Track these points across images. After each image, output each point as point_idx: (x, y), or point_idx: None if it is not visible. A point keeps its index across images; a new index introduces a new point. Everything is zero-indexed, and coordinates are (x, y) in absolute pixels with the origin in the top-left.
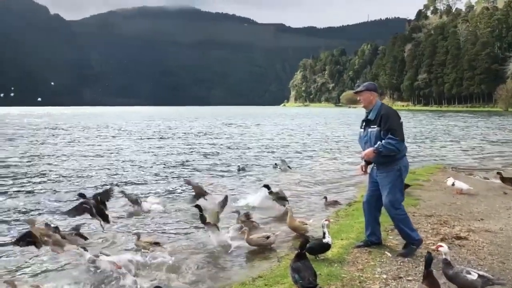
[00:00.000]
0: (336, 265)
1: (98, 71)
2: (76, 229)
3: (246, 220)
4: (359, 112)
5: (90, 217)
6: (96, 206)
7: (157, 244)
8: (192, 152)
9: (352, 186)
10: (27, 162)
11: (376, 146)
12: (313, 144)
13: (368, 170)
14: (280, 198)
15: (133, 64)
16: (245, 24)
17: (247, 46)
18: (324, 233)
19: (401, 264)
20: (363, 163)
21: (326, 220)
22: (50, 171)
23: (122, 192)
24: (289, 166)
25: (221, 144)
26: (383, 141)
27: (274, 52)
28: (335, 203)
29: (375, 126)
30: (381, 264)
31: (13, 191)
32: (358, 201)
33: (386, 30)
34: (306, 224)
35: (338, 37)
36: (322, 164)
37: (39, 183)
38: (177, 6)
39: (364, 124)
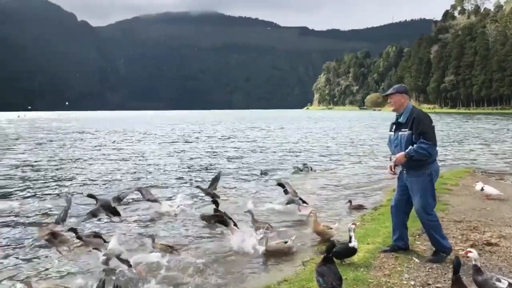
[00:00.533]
0: (362, 269)
1: (123, 76)
2: (96, 231)
3: (261, 223)
4: (384, 115)
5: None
6: (106, 204)
7: (172, 247)
8: (215, 155)
9: (378, 190)
10: (56, 165)
11: (407, 150)
12: (338, 148)
13: (397, 171)
14: (294, 196)
15: (157, 69)
16: (268, 28)
17: (270, 50)
18: (350, 237)
19: (430, 270)
20: (391, 163)
21: (352, 224)
22: (78, 174)
23: (139, 190)
24: (311, 168)
25: (245, 148)
26: (414, 145)
27: (297, 55)
28: (360, 207)
29: (406, 130)
30: (408, 270)
31: (42, 194)
32: (384, 205)
33: (411, 31)
34: (331, 228)
35: (362, 39)
36: (347, 167)
37: (67, 186)
38: (200, 11)
39: (394, 127)
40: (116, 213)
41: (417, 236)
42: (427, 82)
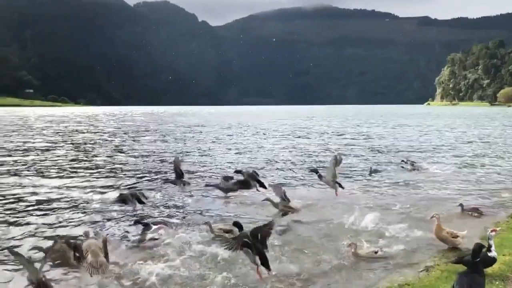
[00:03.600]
0: (497, 283)
1: (238, 73)
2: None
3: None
4: None
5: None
6: (133, 194)
7: (230, 231)
8: (327, 152)
9: None
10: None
11: None
12: (467, 148)
13: None
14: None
15: (271, 65)
16: (386, 20)
17: (387, 42)
18: (489, 246)
19: None
20: None
21: (492, 230)
22: (197, 165)
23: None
24: (413, 164)
25: (357, 145)
26: None
27: (417, 47)
28: (475, 211)
29: None
30: None
31: (161, 185)
32: None
33: None
34: (458, 236)
35: (495, 27)
36: (476, 168)
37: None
38: (313, 6)
39: None
40: (140, 201)
41: None
42: None
